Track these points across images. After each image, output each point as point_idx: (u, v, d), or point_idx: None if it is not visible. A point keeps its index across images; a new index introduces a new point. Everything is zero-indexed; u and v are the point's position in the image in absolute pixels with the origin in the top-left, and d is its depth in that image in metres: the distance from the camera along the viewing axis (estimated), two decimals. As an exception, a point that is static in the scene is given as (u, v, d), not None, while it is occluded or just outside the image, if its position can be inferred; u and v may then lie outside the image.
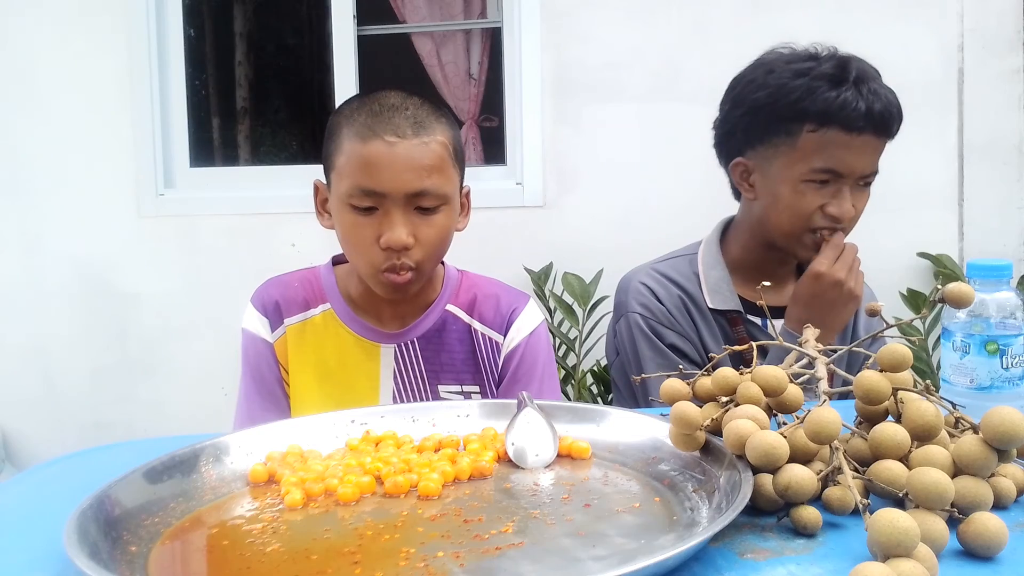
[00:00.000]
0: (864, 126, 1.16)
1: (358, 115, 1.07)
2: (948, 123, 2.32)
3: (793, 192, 1.20)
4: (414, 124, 1.05)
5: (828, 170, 1.18)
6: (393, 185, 1.04)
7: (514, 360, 1.18)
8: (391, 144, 1.03)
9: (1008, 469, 0.62)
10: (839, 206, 1.19)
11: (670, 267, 1.33)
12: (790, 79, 1.18)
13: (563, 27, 2.40)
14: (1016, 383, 0.78)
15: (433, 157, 1.06)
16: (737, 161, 1.28)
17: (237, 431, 0.77)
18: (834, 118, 1.15)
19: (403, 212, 1.05)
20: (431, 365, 1.17)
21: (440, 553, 0.56)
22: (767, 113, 1.21)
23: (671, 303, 1.28)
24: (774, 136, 1.21)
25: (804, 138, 1.18)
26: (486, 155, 2.88)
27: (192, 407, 2.45)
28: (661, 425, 0.72)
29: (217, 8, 5.28)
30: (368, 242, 1.07)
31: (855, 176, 1.19)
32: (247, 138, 5.58)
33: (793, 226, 1.22)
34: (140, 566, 0.56)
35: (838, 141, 1.16)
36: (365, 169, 1.04)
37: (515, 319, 1.20)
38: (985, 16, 2.30)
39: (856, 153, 1.17)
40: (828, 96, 1.15)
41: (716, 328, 1.28)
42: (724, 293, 1.28)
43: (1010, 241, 2.32)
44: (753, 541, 0.56)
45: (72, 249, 2.54)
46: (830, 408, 0.59)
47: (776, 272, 1.31)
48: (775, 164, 1.22)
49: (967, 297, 0.68)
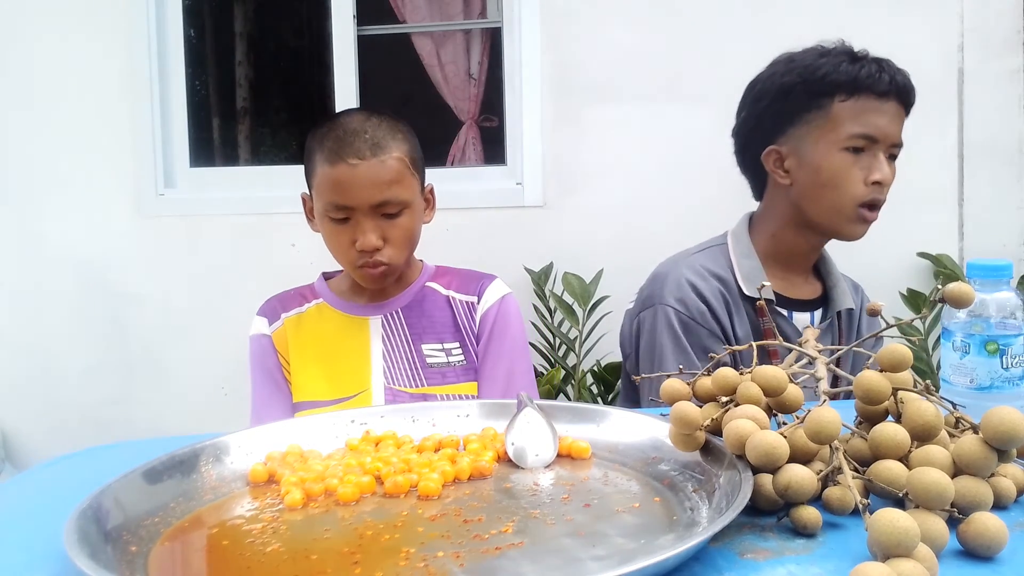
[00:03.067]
0: (890, 91, 1.23)
1: (326, 140, 1.26)
2: (948, 123, 2.32)
3: (834, 162, 1.24)
4: (372, 146, 1.24)
5: (864, 135, 1.23)
6: (359, 200, 1.24)
7: (489, 319, 1.36)
8: (354, 166, 1.23)
9: (1008, 469, 0.62)
10: (880, 170, 1.23)
11: (708, 257, 1.34)
12: (814, 59, 1.26)
13: (563, 27, 2.40)
14: (1016, 383, 0.78)
15: (391, 172, 1.25)
16: (770, 149, 1.31)
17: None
18: (862, 85, 1.22)
19: (371, 219, 1.25)
20: (414, 329, 1.35)
21: (440, 553, 0.56)
22: (798, 92, 1.26)
23: (713, 297, 1.28)
24: (806, 113, 1.26)
25: (837, 108, 1.24)
26: (486, 155, 2.88)
27: (192, 407, 2.45)
28: (661, 425, 0.72)
29: (217, 8, 5.27)
30: (346, 245, 1.27)
31: (888, 142, 1.25)
32: (247, 138, 5.58)
33: (840, 197, 1.25)
34: (140, 566, 0.56)
35: (869, 107, 1.23)
36: (335, 188, 1.24)
37: (487, 286, 1.39)
38: (985, 16, 2.30)
39: (887, 118, 1.24)
40: (852, 68, 1.23)
41: (746, 316, 1.30)
42: (757, 280, 1.30)
43: (1010, 241, 2.32)
44: (753, 541, 0.56)
45: (72, 249, 2.54)
46: (830, 408, 0.59)
47: (803, 264, 1.35)
48: (809, 141, 1.26)
49: (967, 297, 0.68)
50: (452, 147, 2.88)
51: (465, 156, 2.88)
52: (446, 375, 1.33)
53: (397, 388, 1.32)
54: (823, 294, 1.37)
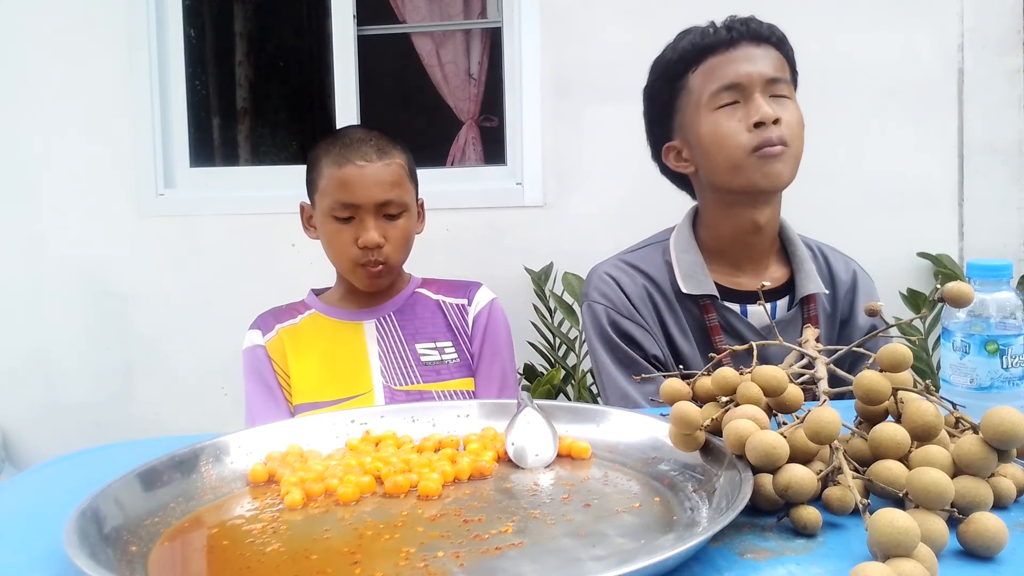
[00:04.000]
0: (734, 38, 1.22)
1: (333, 147, 1.36)
2: (948, 123, 2.32)
3: (711, 126, 1.21)
4: (377, 151, 1.35)
5: (726, 87, 1.20)
6: (365, 198, 1.33)
7: (481, 320, 1.44)
8: (361, 167, 1.33)
9: (1008, 469, 0.62)
10: (758, 111, 1.18)
11: (638, 257, 1.33)
12: (663, 53, 1.30)
13: (563, 27, 2.40)
14: (1016, 383, 0.78)
15: (394, 175, 1.35)
16: (666, 147, 1.32)
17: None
18: (702, 47, 1.23)
19: (374, 219, 1.34)
20: (407, 330, 1.42)
21: (440, 553, 0.56)
22: (660, 85, 1.29)
23: (634, 293, 1.27)
24: (675, 100, 1.28)
25: (692, 79, 1.25)
26: (486, 155, 2.88)
27: (192, 407, 2.45)
28: (661, 425, 0.72)
29: (217, 8, 5.27)
30: (348, 244, 1.35)
31: (757, 83, 1.20)
32: (247, 138, 5.58)
33: (730, 155, 1.19)
34: (140, 566, 0.56)
35: (719, 61, 1.22)
36: (343, 187, 1.33)
37: (475, 292, 1.48)
38: (985, 16, 2.30)
39: (741, 62, 1.21)
40: (691, 37, 1.26)
41: (684, 316, 1.26)
42: (698, 278, 1.26)
43: (1010, 241, 2.32)
44: (753, 541, 0.56)
45: (72, 249, 2.54)
46: (830, 408, 0.59)
47: (753, 249, 1.28)
48: (688, 122, 1.26)
49: (967, 297, 0.68)
50: (452, 147, 2.89)
51: (465, 156, 2.88)
52: (440, 372, 1.40)
53: (395, 388, 1.36)
54: (791, 280, 1.29)
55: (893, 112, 2.32)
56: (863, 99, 2.31)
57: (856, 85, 2.29)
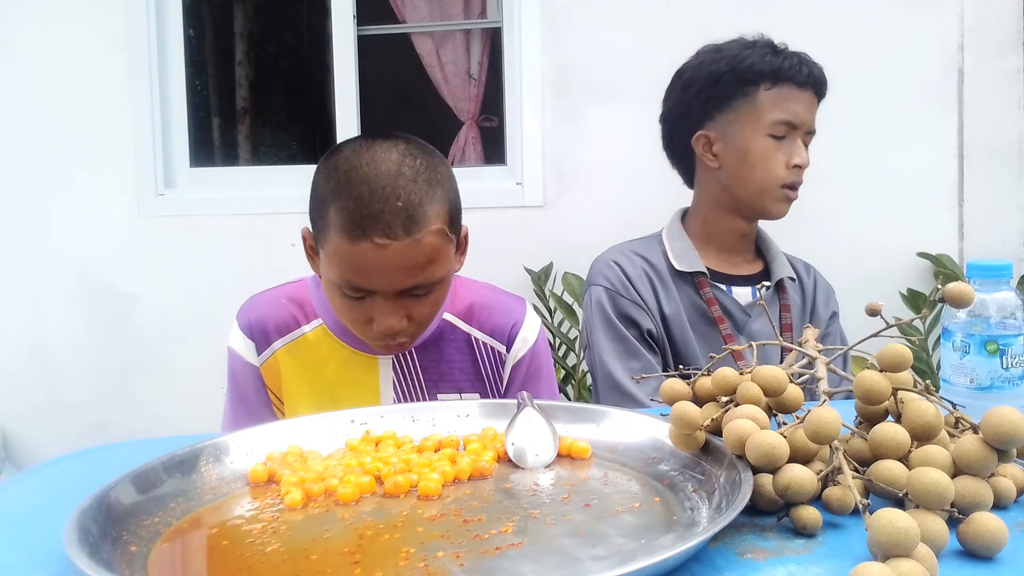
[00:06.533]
0: (807, 81, 1.34)
1: (343, 198, 0.97)
2: (948, 123, 2.32)
3: (759, 146, 1.34)
4: (406, 219, 0.96)
5: (785, 122, 1.33)
6: (384, 285, 1.00)
7: (521, 370, 1.18)
8: (381, 247, 0.96)
9: (1008, 469, 0.62)
10: (800, 155, 1.35)
11: (637, 245, 1.47)
12: (741, 50, 1.36)
13: (563, 27, 2.40)
14: (1016, 383, 0.78)
15: (427, 252, 0.99)
16: (700, 134, 1.40)
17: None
18: (784, 75, 1.33)
19: (395, 301, 1.01)
20: (430, 375, 1.15)
21: (440, 553, 0.56)
22: (727, 80, 1.35)
23: (633, 273, 1.39)
24: (733, 100, 1.35)
25: (762, 95, 1.34)
26: (486, 155, 2.88)
27: (192, 407, 2.44)
28: (661, 425, 0.72)
29: (217, 8, 5.27)
30: (361, 321, 1.04)
31: (805, 129, 1.36)
32: (247, 138, 5.57)
33: (766, 178, 1.34)
34: (140, 566, 0.56)
35: (790, 96, 1.34)
36: (354, 269, 0.99)
37: (518, 332, 1.18)
38: (985, 16, 2.30)
39: (805, 106, 1.35)
40: (775, 59, 1.34)
41: (677, 292, 1.38)
42: (690, 258, 1.40)
43: (1010, 241, 2.32)
44: (753, 541, 0.56)
45: (72, 249, 2.54)
46: (830, 408, 0.59)
47: (737, 246, 1.43)
48: (736, 126, 1.36)
49: (967, 297, 0.68)
50: (452, 147, 2.88)
51: (465, 156, 2.88)
52: None
53: None
54: (764, 269, 1.46)
55: (893, 112, 2.32)
56: (863, 99, 2.31)
57: (856, 85, 2.29)
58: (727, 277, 1.42)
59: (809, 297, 1.48)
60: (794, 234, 1.58)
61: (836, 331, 1.49)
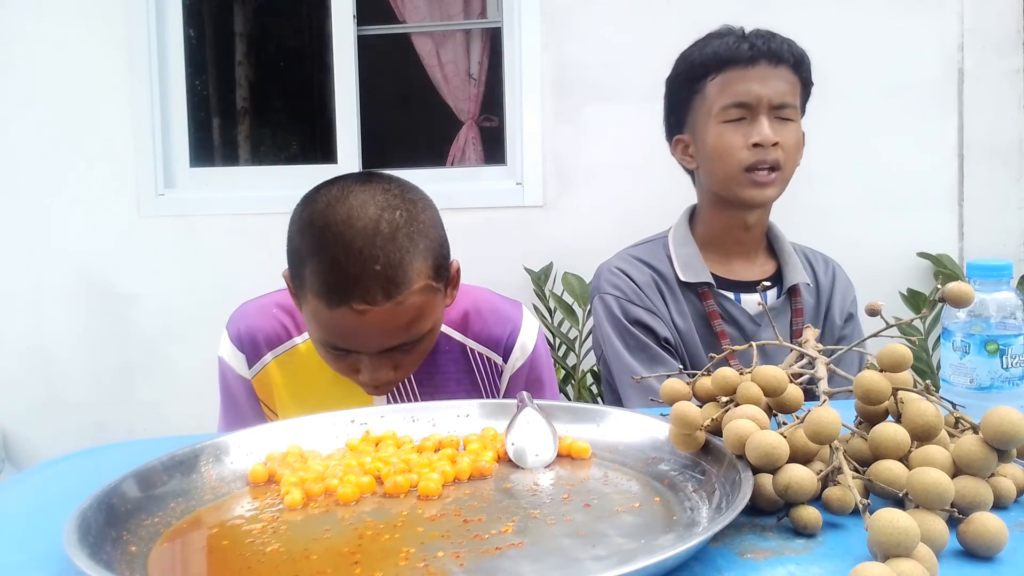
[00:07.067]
0: (754, 56, 1.28)
1: (320, 259, 0.91)
2: (948, 123, 2.32)
3: (716, 136, 1.31)
4: (385, 283, 0.90)
5: (734, 104, 1.29)
6: (367, 348, 0.96)
7: (520, 380, 1.15)
8: (361, 312, 0.90)
9: (1008, 469, 0.62)
10: (759, 133, 1.27)
11: (642, 251, 1.43)
12: (690, 51, 1.36)
13: (563, 27, 2.40)
14: (1016, 383, 0.78)
15: (410, 313, 0.93)
16: (676, 139, 1.41)
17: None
18: (724, 58, 1.30)
19: (380, 357, 0.97)
20: (424, 387, 1.12)
21: (440, 553, 0.56)
22: (681, 82, 1.37)
23: (643, 281, 1.36)
24: (692, 99, 1.35)
25: (709, 87, 1.32)
26: (486, 155, 2.88)
27: (192, 407, 2.44)
28: (661, 425, 0.72)
29: (217, 8, 5.27)
30: (347, 371, 1.01)
31: (764, 105, 1.28)
32: (247, 138, 5.57)
33: (727, 168, 1.30)
34: (140, 566, 0.56)
35: (735, 77, 1.29)
36: (333, 333, 0.95)
37: (515, 340, 1.14)
38: (985, 16, 2.30)
39: (757, 82, 1.28)
40: (716, 45, 1.32)
41: (685, 303, 1.35)
42: (695, 267, 1.36)
43: (1010, 241, 2.32)
44: (753, 541, 0.56)
45: (72, 249, 2.54)
46: (830, 408, 0.59)
47: (739, 246, 1.39)
48: (698, 123, 1.35)
49: (967, 297, 0.68)
50: (452, 147, 2.88)
51: (465, 156, 2.88)
52: None
53: None
54: (777, 271, 1.40)
55: (893, 112, 2.32)
56: (863, 99, 2.31)
57: (856, 85, 2.29)
58: (736, 284, 1.36)
59: (824, 299, 1.41)
60: (794, 234, 1.58)
61: (852, 335, 1.41)
